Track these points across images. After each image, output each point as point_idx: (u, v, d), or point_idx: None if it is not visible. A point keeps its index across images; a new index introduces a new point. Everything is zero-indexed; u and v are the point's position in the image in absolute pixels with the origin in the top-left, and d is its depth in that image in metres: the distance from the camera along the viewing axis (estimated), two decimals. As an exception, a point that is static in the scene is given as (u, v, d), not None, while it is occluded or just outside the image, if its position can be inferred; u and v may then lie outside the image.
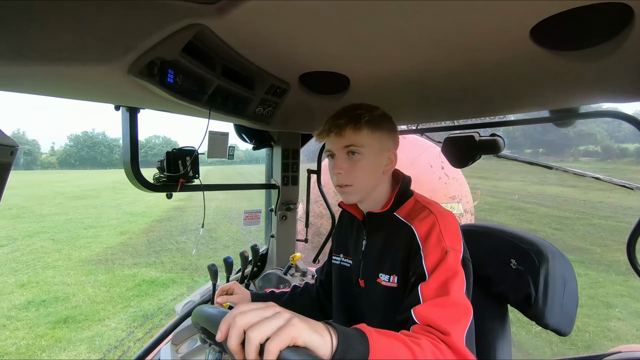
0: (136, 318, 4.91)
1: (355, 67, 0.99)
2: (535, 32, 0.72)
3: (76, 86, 0.79)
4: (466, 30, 0.73)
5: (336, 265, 1.13)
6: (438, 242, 0.83)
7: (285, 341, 0.50)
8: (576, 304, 1.05)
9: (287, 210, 1.88)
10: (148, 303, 5.38)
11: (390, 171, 1.01)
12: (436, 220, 0.87)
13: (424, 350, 0.65)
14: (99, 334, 4.47)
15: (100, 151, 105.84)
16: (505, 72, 0.94)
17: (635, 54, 0.75)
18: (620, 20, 0.68)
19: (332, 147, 0.96)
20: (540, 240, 1.08)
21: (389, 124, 0.99)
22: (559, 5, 0.62)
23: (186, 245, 8.22)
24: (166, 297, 5.59)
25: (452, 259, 0.80)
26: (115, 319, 4.89)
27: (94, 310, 5.05)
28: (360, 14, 0.67)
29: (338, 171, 0.94)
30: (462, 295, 0.77)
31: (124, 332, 4.56)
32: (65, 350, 4.10)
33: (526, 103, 1.19)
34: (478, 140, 1.45)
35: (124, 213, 12.48)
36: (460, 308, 0.76)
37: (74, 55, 0.60)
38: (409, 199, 0.98)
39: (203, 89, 0.97)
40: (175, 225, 10.33)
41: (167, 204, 13.83)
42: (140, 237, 8.98)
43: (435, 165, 5.00)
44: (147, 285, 5.95)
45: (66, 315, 4.85)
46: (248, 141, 1.75)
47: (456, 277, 0.78)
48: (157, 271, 6.57)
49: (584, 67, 0.83)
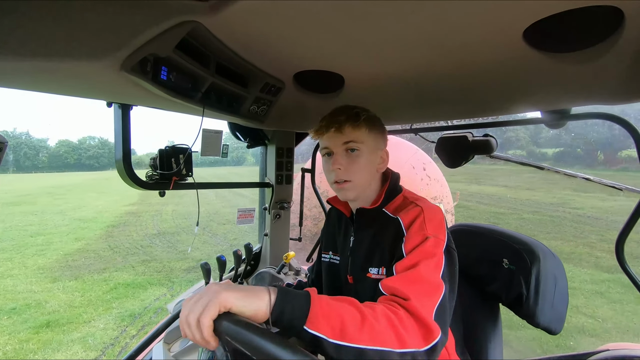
0: (124, 318, 4.87)
1: (350, 66, 0.99)
2: (528, 34, 0.72)
3: (67, 82, 0.78)
4: (460, 32, 0.73)
5: (325, 263, 1.14)
6: (420, 229, 0.84)
7: (213, 311, 0.56)
8: (566, 303, 1.06)
9: (280, 209, 1.87)
10: (131, 304, 5.34)
11: (383, 170, 1.03)
12: (422, 211, 0.88)
13: (376, 313, 0.65)
14: (89, 334, 4.42)
15: (23, 153, 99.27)
16: (499, 73, 0.95)
17: (625, 56, 0.76)
18: (611, 22, 0.68)
19: (330, 143, 0.96)
20: (531, 240, 1.09)
21: (381, 125, 1.02)
22: (551, 8, 0.63)
23: (152, 249, 8.09)
24: (148, 297, 5.55)
25: (431, 243, 0.80)
26: (102, 320, 4.83)
27: (76, 314, 4.99)
28: (355, 13, 0.67)
29: (337, 166, 0.94)
30: (434, 274, 0.76)
31: (116, 331, 4.51)
32: (58, 350, 4.06)
33: (519, 104, 1.20)
34: (471, 140, 1.46)
35: (71, 219, 11.99)
36: (427, 283, 0.74)
37: (65, 50, 0.59)
38: (398, 195, 1.00)
39: (197, 86, 0.96)
40: (134, 230, 10.05)
41: (118, 210, 13.37)
42: (99, 242, 8.76)
43: (417, 166, 5.04)
44: (123, 288, 5.89)
45: (47, 320, 4.77)
46: (242, 139, 1.74)
47: (431, 259, 0.78)
48: (129, 275, 6.49)
49: (575, 69, 0.84)
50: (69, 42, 0.59)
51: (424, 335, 0.66)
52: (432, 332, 0.66)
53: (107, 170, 70.90)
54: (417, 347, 0.64)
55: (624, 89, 0.89)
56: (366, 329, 0.61)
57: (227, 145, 1.49)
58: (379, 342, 0.61)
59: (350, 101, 0.97)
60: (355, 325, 0.62)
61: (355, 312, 0.64)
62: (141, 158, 51.11)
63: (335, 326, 0.61)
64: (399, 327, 0.64)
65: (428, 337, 0.66)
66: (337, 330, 0.60)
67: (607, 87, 0.92)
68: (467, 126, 1.55)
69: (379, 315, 0.65)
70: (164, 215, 12.35)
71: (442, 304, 0.73)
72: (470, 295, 1.18)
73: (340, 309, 0.63)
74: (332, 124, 0.94)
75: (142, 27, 0.64)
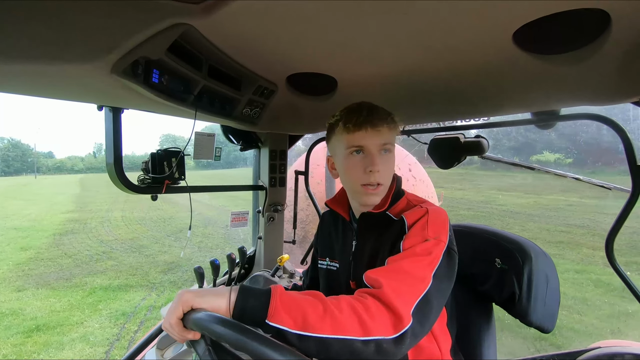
0: (117, 317, 4.84)
1: (342, 68, 1.00)
2: (517, 36, 0.74)
3: (57, 85, 0.77)
4: (451, 34, 0.74)
5: (323, 270, 1.10)
6: (421, 229, 0.83)
7: (178, 311, 0.66)
8: (558, 301, 1.07)
9: (274, 211, 1.87)
10: (118, 305, 5.29)
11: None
12: (427, 212, 0.86)
13: (340, 303, 0.66)
14: (87, 333, 4.39)
15: None
16: (489, 75, 0.96)
17: (612, 57, 0.77)
18: (598, 25, 0.70)
19: (367, 142, 0.89)
20: (523, 240, 1.11)
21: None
22: (540, 10, 0.64)
23: (116, 254, 7.97)
24: (133, 298, 5.52)
25: (429, 245, 0.79)
26: (94, 320, 4.79)
27: (62, 317, 4.92)
28: (347, 16, 0.67)
29: (377, 169, 0.88)
30: (422, 270, 0.75)
31: (114, 328, 4.50)
32: (63, 349, 4.05)
33: (509, 105, 1.22)
34: (463, 141, 1.47)
35: (4, 229, 11.20)
36: (409, 276, 0.73)
37: (55, 53, 0.59)
38: (402, 198, 0.98)
39: (189, 89, 0.96)
40: (86, 237, 9.73)
41: (56, 218, 12.73)
42: (52, 251, 8.42)
43: (402, 167, 5.05)
44: (102, 291, 5.82)
45: (34, 325, 4.68)
46: (235, 142, 1.73)
47: (425, 257, 0.76)
48: (102, 279, 6.39)
49: (564, 71, 0.86)
50: (59, 45, 0.58)
51: (393, 323, 0.65)
52: (402, 320, 0.65)
53: (21, 175, 62.85)
54: (383, 335, 0.64)
55: (612, 89, 0.91)
56: (328, 319, 0.62)
57: (220, 148, 1.48)
58: (340, 331, 0.62)
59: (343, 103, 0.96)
60: (316, 315, 0.63)
61: (317, 303, 0.65)
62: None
63: (297, 318, 0.62)
64: (364, 315, 0.64)
65: (397, 325, 0.65)
66: (299, 321, 0.62)
67: (595, 88, 0.94)
68: (459, 127, 1.56)
69: (343, 305, 0.65)
70: (113, 221, 12.05)
71: (426, 298, 0.71)
72: (463, 295, 1.18)
73: (302, 302, 0.65)
74: (366, 122, 0.87)
75: (133, 29, 0.64)
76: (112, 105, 1.05)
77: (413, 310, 0.68)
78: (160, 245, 8.75)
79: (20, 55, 0.56)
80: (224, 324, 0.59)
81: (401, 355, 0.66)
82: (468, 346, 1.11)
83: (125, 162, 1.14)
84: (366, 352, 0.62)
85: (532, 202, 14.32)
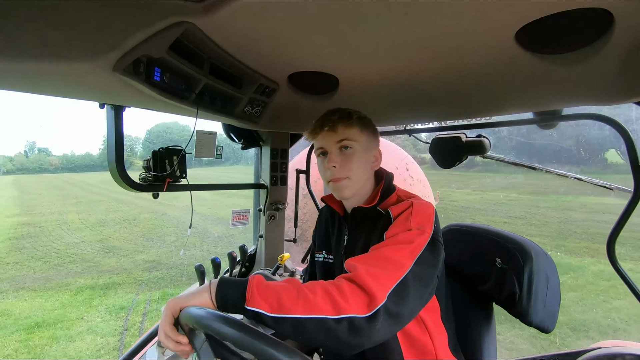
0: (116, 311, 4.89)
1: (344, 67, 1.00)
2: (520, 36, 0.73)
3: (59, 83, 0.77)
4: (453, 34, 0.74)
5: (319, 263, 1.14)
6: (405, 221, 0.85)
7: (168, 319, 0.71)
8: (558, 301, 1.07)
9: (275, 210, 1.87)
10: (113, 301, 5.31)
11: (376, 168, 1.05)
12: (411, 205, 0.89)
13: (314, 286, 0.69)
14: (92, 326, 4.44)
15: None
16: (491, 74, 0.96)
17: (615, 57, 0.77)
18: (601, 24, 0.70)
19: (325, 143, 0.97)
20: (524, 240, 1.10)
21: (373, 126, 1.04)
22: (542, 10, 0.64)
23: (89, 256, 7.87)
24: (126, 294, 5.54)
25: (412, 234, 0.81)
26: (94, 315, 4.82)
27: (59, 315, 4.92)
28: (349, 15, 0.67)
29: (332, 164, 0.95)
30: (402, 255, 0.76)
31: (118, 321, 4.55)
32: (73, 341, 4.10)
33: (511, 105, 1.21)
34: (465, 141, 1.47)
35: None
36: (388, 261, 0.75)
37: (57, 51, 0.59)
38: (392, 194, 1.01)
39: (190, 87, 0.96)
40: (47, 240, 9.49)
41: (4, 222, 12.23)
42: (14, 255, 8.20)
43: (400, 167, 5.03)
44: (89, 290, 5.82)
45: (32, 323, 4.69)
46: (236, 141, 1.73)
47: (406, 245, 0.78)
48: (86, 279, 6.34)
49: (566, 71, 0.85)
50: (61, 43, 0.58)
51: (366, 303, 0.68)
52: (375, 299, 0.68)
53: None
54: (356, 313, 0.66)
55: (614, 90, 0.91)
56: (301, 300, 0.66)
57: (222, 146, 1.48)
58: (313, 311, 0.65)
59: (344, 102, 0.97)
60: (290, 298, 0.67)
61: (291, 287, 0.69)
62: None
63: (273, 302, 0.66)
64: (336, 295, 0.67)
65: (370, 304, 0.67)
66: (275, 304, 0.66)
67: (597, 88, 0.94)
68: (461, 127, 1.56)
69: (317, 288, 0.68)
70: (72, 224, 11.75)
71: (404, 283, 0.73)
72: (464, 295, 1.18)
73: (277, 287, 0.69)
74: (325, 123, 0.95)
75: (135, 28, 0.64)
76: (114, 104, 1.06)
77: (389, 293, 0.70)
78: (134, 246, 8.73)
79: (22, 54, 0.56)
80: (216, 316, 0.63)
81: (376, 335, 0.68)
82: (468, 346, 1.11)
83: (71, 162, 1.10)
84: (339, 329, 0.65)
85: (479, 198, 15.75)
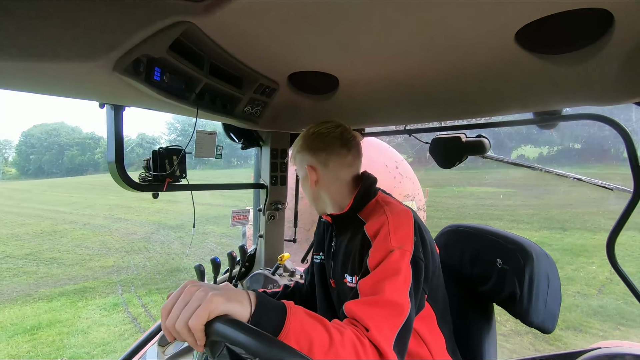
0: (111, 307, 4.97)
1: (344, 67, 1.00)
2: (520, 36, 0.73)
3: (59, 83, 0.77)
4: (454, 34, 0.74)
5: (317, 264, 1.17)
6: (384, 240, 0.84)
7: (203, 317, 0.55)
8: (559, 302, 1.07)
9: (275, 210, 1.87)
10: (99, 301, 5.34)
11: (316, 180, 1.03)
12: (386, 220, 0.87)
13: (344, 339, 0.67)
14: (97, 321, 4.53)
15: None
16: (491, 75, 0.96)
17: (615, 57, 0.77)
18: (601, 25, 0.69)
19: None
20: (525, 240, 1.10)
21: (305, 142, 1.06)
22: (543, 10, 0.64)
23: (29, 268, 7.64)
24: (107, 294, 5.56)
25: (395, 258, 0.80)
26: (89, 313, 4.88)
27: (51, 317, 4.92)
28: (349, 15, 0.67)
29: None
30: (399, 294, 0.76)
31: (119, 314, 4.65)
32: (88, 333, 4.19)
33: (511, 105, 1.21)
34: (464, 141, 1.47)
35: None
36: (391, 307, 0.75)
37: (57, 51, 0.59)
38: (371, 200, 0.99)
39: (190, 87, 0.96)
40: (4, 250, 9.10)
41: None
42: None
43: (390, 165, 5.02)
44: (64, 297, 5.71)
45: (27, 326, 4.66)
46: (236, 141, 1.73)
47: (396, 276, 0.78)
48: (46, 289, 6.17)
49: (566, 71, 0.85)
50: (61, 43, 0.58)
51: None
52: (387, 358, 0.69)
53: None
54: None
55: (614, 90, 0.91)
56: (332, 354, 0.64)
57: (222, 146, 1.48)
58: None
59: (344, 102, 0.97)
60: (322, 348, 0.64)
61: (324, 334, 0.66)
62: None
63: (304, 346, 0.63)
64: (362, 356, 0.67)
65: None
66: (305, 349, 0.63)
67: (597, 89, 0.94)
68: (460, 127, 1.56)
69: (346, 342, 0.67)
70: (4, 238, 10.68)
71: (406, 326, 0.74)
72: (464, 295, 1.18)
73: (311, 329, 0.66)
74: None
75: (135, 27, 0.63)
76: (114, 103, 1.06)
77: (394, 343, 0.71)
78: (75, 255, 8.35)
79: (22, 53, 0.56)
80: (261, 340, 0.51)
81: None
82: (468, 346, 1.11)
83: None
84: None
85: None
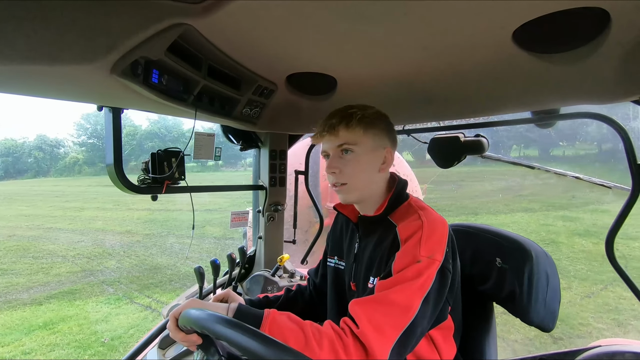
0: (115, 301, 5.10)
1: (342, 68, 1.00)
2: (517, 35, 0.74)
3: (57, 86, 0.77)
4: (451, 34, 0.74)
5: (331, 268, 1.11)
6: (414, 248, 0.81)
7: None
8: (559, 300, 1.07)
9: (274, 211, 1.86)
10: (98, 298, 5.43)
11: (387, 169, 0.98)
12: (422, 225, 0.84)
13: (322, 337, 0.68)
14: (110, 311, 4.69)
15: None
16: (489, 74, 0.96)
17: (612, 56, 0.77)
18: (598, 24, 0.70)
19: (327, 147, 0.95)
20: (524, 239, 1.10)
21: (383, 122, 0.96)
22: (539, 9, 0.64)
23: (52, 262, 7.88)
24: (101, 293, 5.61)
25: (421, 267, 0.77)
26: (98, 307, 4.99)
27: (58, 315, 4.98)
28: (347, 15, 0.67)
29: (332, 170, 0.92)
30: (409, 296, 0.74)
31: (129, 305, 4.80)
32: (108, 321, 4.33)
33: (509, 104, 1.22)
34: (463, 140, 1.47)
35: None
36: (394, 306, 0.73)
37: (54, 54, 0.59)
38: (403, 203, 0.96)
39: (189, 89, 0.96)
40: None
41: None
42: None
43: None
44: (55, 299, 5.68)
45: (41, 322, 4.72)
46: (235, 142, 1.73)
47: (412, 281, 0.75)
48: (32, 294, 6.06)
49: (564, 70, 0.86)
50: (59, 45, 0.58)
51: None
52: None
53: None
54: None
55: (612, 88, 0.91)
56: (307, 352, 0.65)
57: (220, 148, 1.48)
58: None
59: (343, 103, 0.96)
60: (297, 346, 0.65)
61: (301, 335, 0.68)
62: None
63: None
64: (342, 354, 0.67)
65: None
66: None
67: (594, 87, 0.94)
68: (459, 126, 1.56)
69: (324, 341, 0.67)
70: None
71: (411, 329, 0.72)
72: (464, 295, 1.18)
73: (287, 332, 0.68)
74: (326, 127, 0.92)
75: (133, 29, 0.63)
76: (112, 106, 1.05)
77: (393, 345, 0.70)
78: (23, 265, 7.92)
79: (19, 56, 0.56)
80: (218, 320, 0.61)
81: None
82: (468, 346, 1.11)
83: None
84: None
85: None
